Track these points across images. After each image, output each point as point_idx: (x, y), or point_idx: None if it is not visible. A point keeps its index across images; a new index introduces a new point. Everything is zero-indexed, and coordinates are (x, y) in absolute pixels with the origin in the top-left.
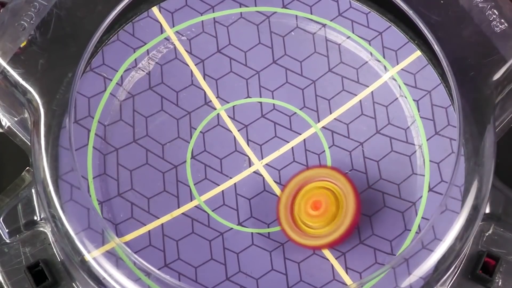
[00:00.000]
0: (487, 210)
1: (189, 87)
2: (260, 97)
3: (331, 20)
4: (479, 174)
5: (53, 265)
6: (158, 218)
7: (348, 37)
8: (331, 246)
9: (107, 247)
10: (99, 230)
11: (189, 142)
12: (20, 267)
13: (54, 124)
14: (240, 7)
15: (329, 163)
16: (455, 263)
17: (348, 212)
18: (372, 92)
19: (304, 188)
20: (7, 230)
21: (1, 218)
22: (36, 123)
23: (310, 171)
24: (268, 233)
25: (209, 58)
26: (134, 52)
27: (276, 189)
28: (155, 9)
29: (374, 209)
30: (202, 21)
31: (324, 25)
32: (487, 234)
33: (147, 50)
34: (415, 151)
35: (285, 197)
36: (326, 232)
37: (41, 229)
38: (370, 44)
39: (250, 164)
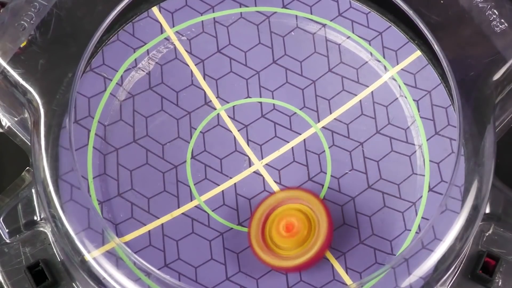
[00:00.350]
0: (487, 210)
1: (189, 87)
2: (260, 97)
3: (331, 20)
4: (479, 174)
5: (53, 265)
6: (158, 218)
7: (348, 37)
8: (300, 269)
9: (107, 247)
10: (99, 230)
11: (189, 142)
12: (20, 267)
13: (54, 124)
14: (240, 7)
15: (329, 163)
16: (455, 263)
17: (319, 236)
18: (372, 92)
19: (278, 209)
20: (7, 230)
21: (1, 218)
22: (36, 123)
23: (285, 193)
24: None
25: (209, 58)
26: (134, 52)
27: (276, 189)
28: (155, 9)
29: (374, 209)
30: (202, 21)
31: (324, 25)
32: (487, 234)
33: (147, 50)
34: (415, 151)
35: (258, 216)
36: (295, 254)
37: (41, 229)
38: (370, 44)
39: (250, 164)
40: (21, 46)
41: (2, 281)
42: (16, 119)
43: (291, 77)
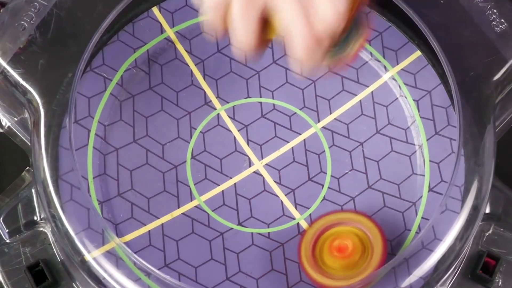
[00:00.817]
0: (487, 210)
1: (189, 87)
2: (260, 97)
3: None
4: (479, 174)
5: (53, 265)
6: (158, 218)
7: None
8: None
9: (107, 247)
10: (99, 230)
11: (189, 142)
12: (20, 267)
13: (54, 124)
14: None
15: (329, 162)
16: (455, 263)
17: (372, 260)
18: (372, 92)
19: (333, 228)
20: (7, 230)
21: (1, 218)
22: (36, 123)
23: (344, 214)
24: (268, 233)
25: (209, 58)
26: (134, 52)
27: (276, 189)
28: (155, 9)
29: (374, 209)
30: (202, 21)
31: None
32: (487, 234)
33: (147, 50)
34: (415, 151)
35: (312, 232)
36: (343, 275)
37: (41, 229)
38: (370, 44)
39: (250, 164)
40: (21, 46)
41: (2, 281)
42: (16, 119)
43: (291, 77)
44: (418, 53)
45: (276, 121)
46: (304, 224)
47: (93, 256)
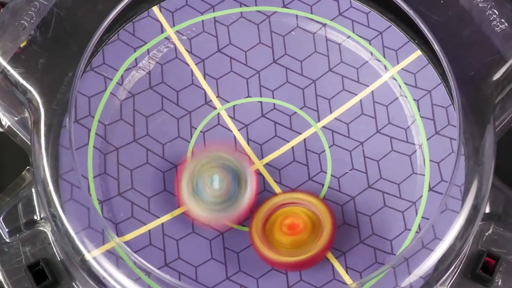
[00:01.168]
0: (487, 210)
1: (190, 86)
2: (261, 96)
3: (331, 20)
4: (479, 174)
5: (53, 264)
6: (158, 217)
7: (349, 37)
8: (300, 266)
9: (107, 246)
10: (99, 230)
11: (189, 142)
12: (20, 266)
13: (54, 123)
14: (241, 6)
15: (329, 162)
16: (455, 263)
17: (322, 236)
18: (372, 91)
19: (281, 209)
20: (7, 230)
21: (1, 218)
22: (36, 123)
23: (296, 194)
24: None
25: (210, 57)
26: (135, 51)
27: (277, 189)
28: (155, 9)
29: (374, 209)
30: (203, 20)
31: (324, 25)
32: (487, 234)
33: (148, 49)
34: (415, 151)
35: (260, 215)
36: (297, 251)
37: (41, 228)
38: (370, 44)
39: (250, 163)
40: (21, 45)
41: (2, 280)
42: (16, 118)
43: (291, 77)
44: (418, 52)
45: (276, 120)
46: None
47: (93, 255)
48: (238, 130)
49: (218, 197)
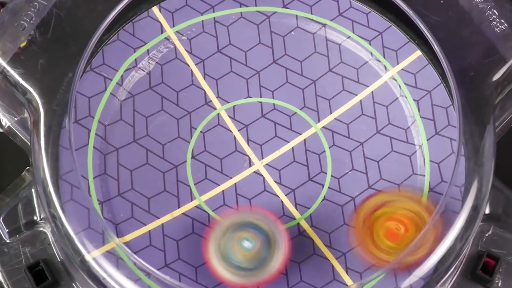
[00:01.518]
0: (487, 211)
1: (189, 87)
2: (260, 97)
3: (331, 20)
4: (479, 174)
5: (53, 265)
6: (158, 218)
7: (348, 37)
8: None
9: (107, 247)
10: (99, 230)
11: (189, 142)
12: (20, 267)
13: (54, 124)
14: (240, 7)
15: (329, 162)
16: (455, 264)
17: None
18: (372, 92)
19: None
20: (7, 230)
21: (1, 218)
22: (36, 123)
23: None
24: None
25: (210, 58)
26: (134, 52)
27: (276, 189)
28: (155, 9)
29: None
30: (202, 21)
31: (324, 25)
32: (487, 235)
33: (147, 50)
34: (415, 151)
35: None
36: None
37: (41, 229)
38: (370, 44)
39: (250, 164)
40: (21, 46)
41: (2, 280)
42: (16, 119)
43: (291, 77)
44: (418, 53)
45: (276, 121)
46: (304, 224)
47: (93, 256)
48: (238, 130)
49: (249, 261)
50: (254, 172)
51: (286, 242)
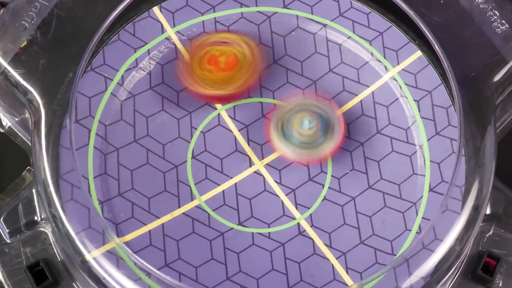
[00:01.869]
0: (488, 211)
1: None
2: (261, 97)
3: (332, 20)
4: (480, 175)
5: (53, 265)
6: (159, 218)
7: (349, 37)
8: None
9: (107, 247)
10: (99, 230)
11: (189, 142)
12: (21, 267)
13: (54, 124)
14: (241, 7)
15: (329, 163)
16: (456, 264)
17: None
18: (372, 92)
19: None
20: (7, 230)
21: (2, 218)
22: (37, 123)
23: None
24: (269, 233)
25: None
26: (135, 52)
27: (277, 189)
28: (156, 9)
29: (375, 209)
30: (203, 21)
31: (325, 25)
32: (487, 235)
33: (148, 50)
34: (416, 151)
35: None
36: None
37: (42, 229)
38: (370, 44)
39: (250, 164)
40: (22, 46)
41: (3, 281)
42: (16, 119)
43: (291, 77)
44: (418, 53)
45: None
46: (304, 224)
47: (94, 256)
48: (239, 130)
49: (307, 138)
50: (255, 172)
51: (341, 129)
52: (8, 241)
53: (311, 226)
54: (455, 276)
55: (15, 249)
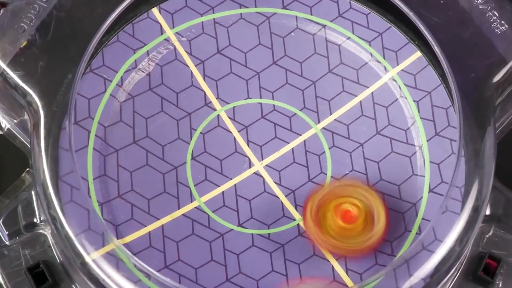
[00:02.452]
0: (488, 212)
1: (189, 88)
2: (260, 98)
3: (331, 21)
4: (480, 176)
5: (53, 266)
6: (158, 219)
7: (348, 38)
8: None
9: (107, 248)
10: (99, 232)
11: (189, 143)
12: (20, 269)
13: (54, 125)
14: (240, 8)
15: (329, 163)
16: (456, 265)
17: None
18: (372, 93)
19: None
20: (7, 232)
21: (1, 220)
22: (36, 125)
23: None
24: (269, 234)
25: (209, 59)
26: (134, 53)
27: (276, 190)
28: (155, 10)
29: None
30: (202, 22)
31: (324, 26)
32: (487, 236)
33: (147, 51)
34: (415, 152)
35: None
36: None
37: (41, 231)
38: (370, 45)
39: (250, 165)
40: (21, 47)
41: (3, 283)
42: (15, 121)
43: (291, 78)
44: (418, 54)
45: (276, 122)
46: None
47: (93, 257)
48: (238, 131)
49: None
50: (254, 173)
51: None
52: (7, 243)
53: None
54: (455, 277)
55: (15, 251)
